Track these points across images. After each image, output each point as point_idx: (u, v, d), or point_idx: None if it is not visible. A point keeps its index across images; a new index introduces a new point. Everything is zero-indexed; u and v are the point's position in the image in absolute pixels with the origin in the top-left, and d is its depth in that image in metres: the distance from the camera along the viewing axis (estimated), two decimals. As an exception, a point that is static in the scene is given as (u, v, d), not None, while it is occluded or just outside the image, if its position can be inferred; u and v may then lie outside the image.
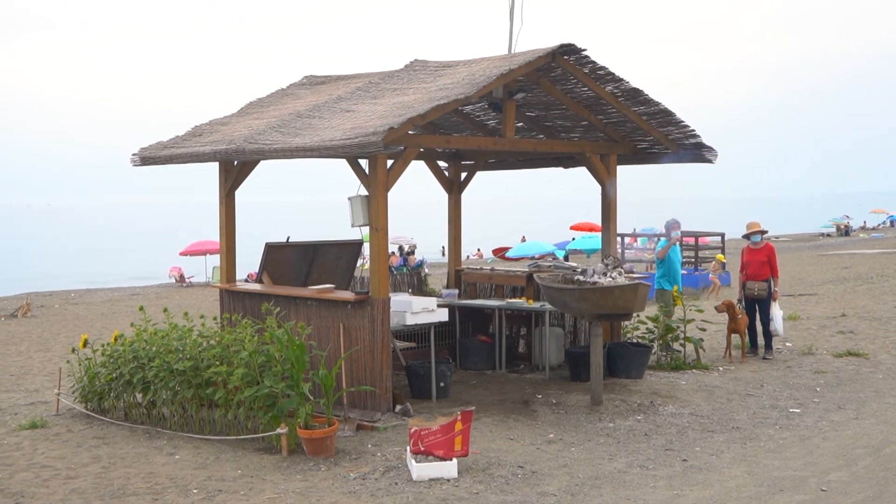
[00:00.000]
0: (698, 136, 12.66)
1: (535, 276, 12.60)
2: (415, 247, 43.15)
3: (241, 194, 12.51)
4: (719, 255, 31.21)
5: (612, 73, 11.68)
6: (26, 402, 12.82)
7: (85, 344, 11.71)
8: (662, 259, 15.11)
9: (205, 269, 44.45)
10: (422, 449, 8.40)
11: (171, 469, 8.86)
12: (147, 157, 12.34)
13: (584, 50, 11.27)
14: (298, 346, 9.39)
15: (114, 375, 10.89)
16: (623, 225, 15.45)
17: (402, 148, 10.44)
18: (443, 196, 14.86)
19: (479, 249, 54.70)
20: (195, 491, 8.15)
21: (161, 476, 8.63)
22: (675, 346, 13.71)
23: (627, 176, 13.70)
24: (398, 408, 10.53)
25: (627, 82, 11.81)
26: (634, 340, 13.56)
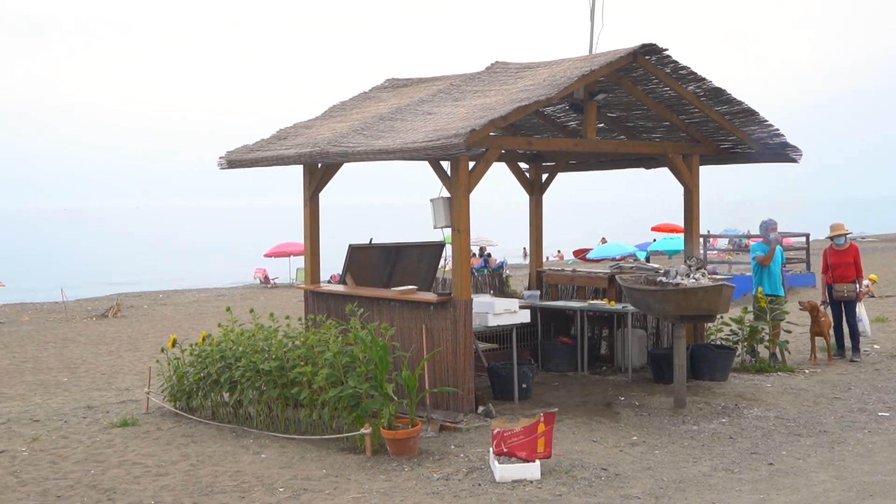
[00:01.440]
0: (783, 136, 12.45)
1: (617, 277, 12.54)
2: (484, 249, 43.09)
3: (324, 197, 12.67)
4: (872, 276, 28.53)
5: (694, 73, 11.56)
6: (117, 401, 13.17)
7: (174, 344, 11.99)
8: (768, 264, 13.99)
9: (289, 271, 45.07)
10: (504, 450, 8.42)
11: (258, 468, 9.02)
12: (233, 161, 12.58)
13: (666, 50, 11.17)
14: (382, 346, 9.49)
15: (202, 375, 11.12)
16: (704, 225, 15.23)
17: (484, 150, 10.48)
18: (522, 197, 14.85)
19: (559, 251, 54.45)
20: (281, 489, 8.29)
21: (248, 474, 8.79)
22: (760, 348, 13.51)
23: (710, 176, 13.55)
24: (480, 409, 10.57)
25: (710, 81, 11.67)
26: (718, 342, 13.38)
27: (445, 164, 10.76)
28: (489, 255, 43.78)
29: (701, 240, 15.04)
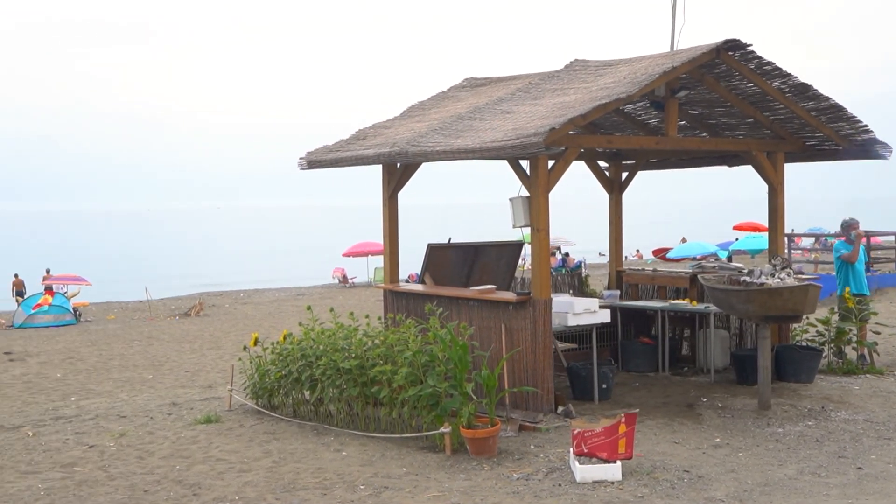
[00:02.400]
0: (871, 132, 12.12)
1: (699, 277, 12.35)
2: (558, 248, 42.80)
3: (402, 196, 12.71)
4: None
5: (780, 69, 11.32)
6: (201, 398, 13.39)
7: (255, 342, 12.15)
8: (854, 260, 13.65)
9: (367, 270, 45.42)
10: (585, 451, 8.35)
11: (339, 465, 9.09)
12: (313, 161, 12.70)
13: (750, 45, 10.96)
14: (461, 346, 9.49)
15: (283, 373, 11.25)
16: (788, 224, 14.91)
17: (564, 149, 10.41)
18: (597, 196, 14.72)
19: (638, 250, 53.93)
20: (362, 487, 8.34)
21: (329, 472, 8.87)
22: (847, 349, 13.19)
23: (795, 174, 13.26)
24: (560, 409, 10.50)
25: (795, 77, 11.43)
26: (804, 343, 13.10)
27: (524, 163, 10.72)
28: (567, 254, 43.54)
29: (785, 239, 14.71)
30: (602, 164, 14.45)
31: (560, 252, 42.25)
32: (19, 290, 37.64)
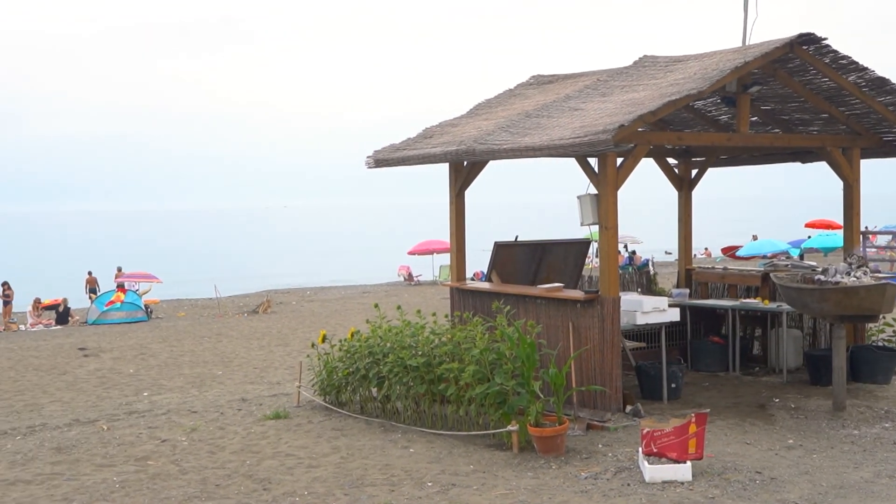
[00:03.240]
0: (952, 127, 11.81)
1: (771, 275, 12.14)
2: (624, 246, 42.36)
3: (468, 194, 12.69)
4: None
5: (856, 63, 11.08)
6: (269, 394, 13.53)
7: (323, 339, 12.24)
8: None
9: (432, 268, 45.51)
10: (654, 450, 8.26)
11: (406, 462, 9.11)
12: (380, 160, 12.74)
13: (825, 39, 10.75)
14: (529, 344, 9.45)
15: (350, 370, 11.31)
16: (862, 221, 14.58)
17: (633, 146, 10.30)
18: (662, 194, 14.54)
19: (706, 248, 53.24)
20: (430, 484, 8.35)
21: (397, 468, 8.89)
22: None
23: (870, 168, 12.98)
24: (628, 408, 10.40)
25: (872, 71, 11.17)
26: (880, 343, 12.81)
27: (593, 161, 10.64)
28: (633, 252, 43.17)
29: (860, 236, 14.39)
30: (671, 160, 14.28)
31: (626, 250, 41.91)
32: (93, 287, 38.41)
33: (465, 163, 12.22)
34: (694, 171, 14.25)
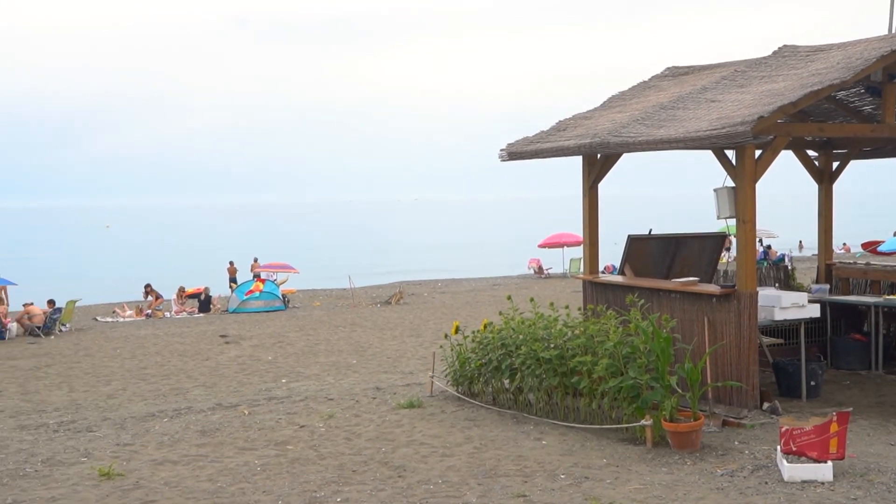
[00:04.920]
0: None
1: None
2: (759, 240, 41.25)
3: (602, 186, 12.64)
4: None
5: None
6: (403, 383, 13.78)
7: (456, 331, 12.39)
8: None
9: (562, 261, 45.34)
10: (794, 449, 8.09)
11: (539, 454, 9.16)
12: (514, 153, 12.80)
13: (979, 25, 10.30)
14: (665, 338, 9.37)
15: (483, 361, 11.43)
16: None
17: (772, 137, 10.08)
18: (797, 187, 14.15)
19: (844, 243, 51.47)
20: (563, 476, 8.38)
21: (529, 460, 8.95)
22: None
23: None
24: (766, 405, 10.21)
25: None
26: None
27: (730, 153, 10.46)
28: (769, 246, 42.08)
29: None
30: (811, 153, 13.90)
31: (761, 245, 40.88)
32: (233, 277, 39.66)
33: (599, 155, 12.18)
34: (835, 164, 13.84)
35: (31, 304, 26.35)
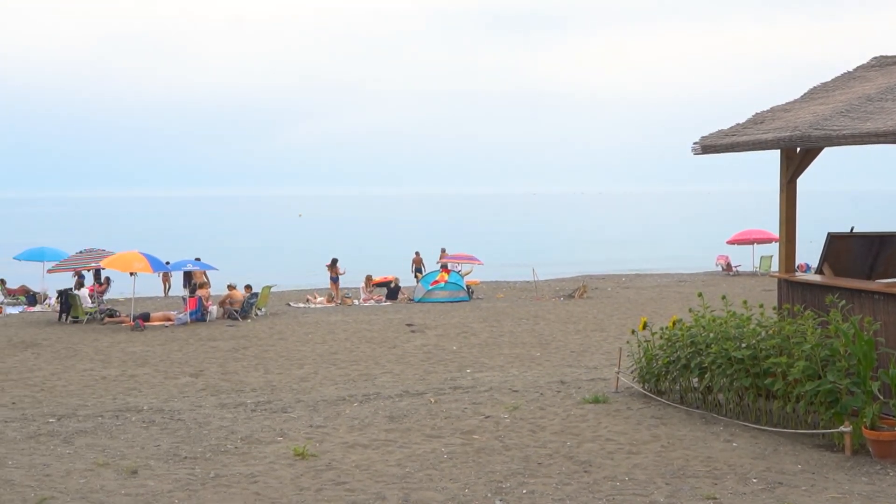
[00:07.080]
0: None
1: None
2: None
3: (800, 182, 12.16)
4: None
5: None
6: (587, 378, 13.69)
7: (644, 327, 12.20)
8: None
9: (752, 258, 43.93)
10: None
11: (729, 456, 8.92)
12: (708, 146, 12.46)
13: None
14: (867, 342, 8.94)
15: (671, 359, 11.21)
16: None
17: None
18: None
19: None
20: (754, 480, 8.13)
21: (719, 461, 8.73)
22: None
23: None
24: (977, 417, 9.58)
25: None
26: None
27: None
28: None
29: None
30: None
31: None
32: (418, 266, 40.37)
33: (798, 149, 11.71)
34: None
35: (234, 286, 27.53)
